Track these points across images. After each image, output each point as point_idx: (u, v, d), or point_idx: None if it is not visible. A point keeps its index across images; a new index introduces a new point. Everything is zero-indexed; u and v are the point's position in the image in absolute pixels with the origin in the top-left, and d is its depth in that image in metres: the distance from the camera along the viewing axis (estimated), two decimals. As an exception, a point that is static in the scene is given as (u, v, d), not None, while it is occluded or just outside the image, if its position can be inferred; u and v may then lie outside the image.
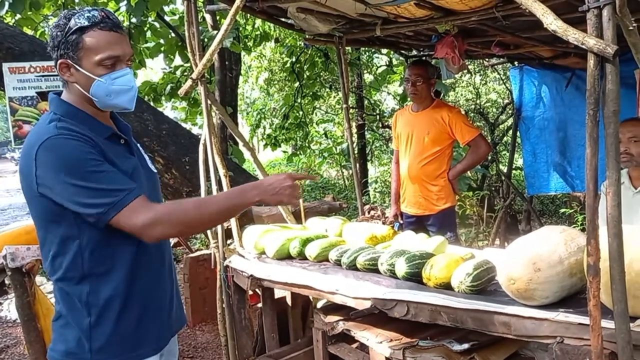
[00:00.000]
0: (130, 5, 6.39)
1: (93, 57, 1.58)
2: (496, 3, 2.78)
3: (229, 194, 1.65)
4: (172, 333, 1.85)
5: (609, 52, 1.51)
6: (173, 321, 1.84)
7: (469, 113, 10.25)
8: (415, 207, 3.81)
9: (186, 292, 4.86)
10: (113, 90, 1.62)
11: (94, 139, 1.57)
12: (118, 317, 1.63)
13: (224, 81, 8.77)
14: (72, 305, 1.63)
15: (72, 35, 1.57)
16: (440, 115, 3.66)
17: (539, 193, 5.48)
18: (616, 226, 1.56)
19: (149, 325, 1.70)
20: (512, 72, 5.33)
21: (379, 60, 11.51)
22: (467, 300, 2.06)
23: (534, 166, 5.15)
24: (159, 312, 1.76)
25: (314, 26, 3.46)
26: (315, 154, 13.15)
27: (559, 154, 4.92)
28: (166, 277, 1.80)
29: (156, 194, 1.82)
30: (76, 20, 1.57)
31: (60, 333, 1.66)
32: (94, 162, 1.52)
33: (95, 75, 1.60)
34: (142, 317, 1.68)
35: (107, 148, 1.60)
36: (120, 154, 1.66)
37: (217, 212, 1.63)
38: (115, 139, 1.69)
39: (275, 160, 16.29)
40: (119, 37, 1.62)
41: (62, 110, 1.62)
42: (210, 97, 3.09)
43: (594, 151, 1.58)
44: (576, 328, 1.74)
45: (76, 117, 1.61)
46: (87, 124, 1.62)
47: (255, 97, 14.95)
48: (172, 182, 6.60)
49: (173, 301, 1.84)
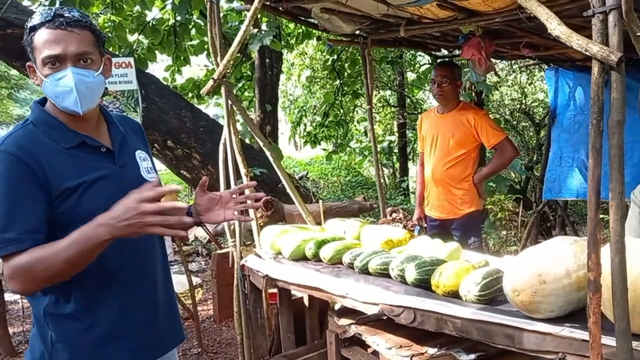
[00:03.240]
0: (175, 3, 6.53)
1: (39, 56, 1.51)
2: (519, 4, 2.69)
3: (75, 239, 1.37)
4: (156, 354, 1.70)
5: (613, 60, 1.44)
6: (160, 339, 1.71)
7: (514, 113, 10.00)
8: (439, 210, 3.75)
9: (213, 288, 4.95)
10: (58, 92, 1.52)
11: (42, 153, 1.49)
12: (80, 334, 1.54)
13: (264, 79, 8.87)
14: (37, 316, 1.57)
15: (28, 36, 1.52)
16: (466, 117, 3.58)
17: (557, 198, 5.24)
18: (618, 241, 1.49)
19: (118, 346, 1.58)
20: (547, 73, 5.14)
21: (422, 59, 11.37)
22: (471, 310, 2.01)
23: (557, 170, 4.95)
24: (137, 330, 1.62)
25: (338, 26, 3.44)
26: (355, 152, 13.11)
27: (587, 159, 4.69)
28: (149, 293, 1.67)
29: None
30: (31, 20, 1.52)
31: (31, 342, 1.61)
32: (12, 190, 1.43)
33: (42, 75, 1.52)
34: (109, 336, 1.56)
35: (64, 159, 1.52)
36: (84, 164, 1.55)
37: (66, 262, 1.40)
38: (87, 148, 1.58)
39: (316, 157, 16.32)
40: (66, 34, 1.49)
41: (33, 116, 1.58)
42: (231, 98, 3.12)
43: (596, 162, 1.52)
44: (579, 344, 1.67)
45: (44, 124, 1.56)
46: (54, 132, 1.55)
47: (298, 95, 15.02)
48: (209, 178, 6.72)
49: (158, 320, 1.69)
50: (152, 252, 1.72)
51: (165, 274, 1.76)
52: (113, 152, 1.64)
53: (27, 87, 15.15)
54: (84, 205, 1.50)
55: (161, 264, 1.74)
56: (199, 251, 7.46)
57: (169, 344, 1.76)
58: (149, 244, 1.69)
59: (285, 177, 3.42)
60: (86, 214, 1.44)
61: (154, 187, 1.36)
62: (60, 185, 1.48)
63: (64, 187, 1.49)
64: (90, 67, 1.55)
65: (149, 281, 1.67)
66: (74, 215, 1.48)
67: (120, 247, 1.49)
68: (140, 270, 1.65)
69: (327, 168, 14.16)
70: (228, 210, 1.83)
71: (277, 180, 5.95)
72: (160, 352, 1.71)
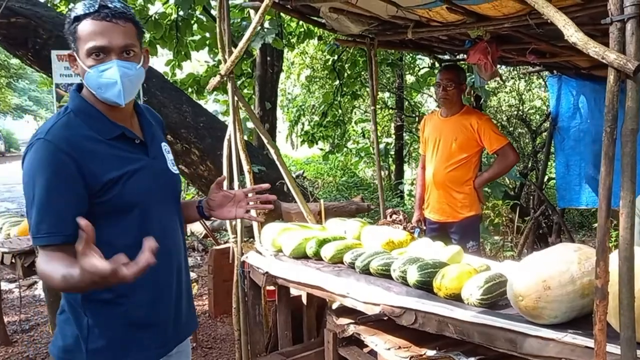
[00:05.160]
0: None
1: (83, 47, 1.52)
2: (529, 10, 2.70)
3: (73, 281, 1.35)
4: (179, 339, 1.77)
5: (630, 68, 1.45)
6: (181, 326, 1.76)
7: (511, 119, 10.03)
8: (438, 213, 3.75)
9: (210, 284, 4.94)
10: (102, 83, 1.53)
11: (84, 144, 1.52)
12: (116, 320, 1.58)
13: (264, 77, 8.86)
14: (71, 302, 1.60)
15: (72, 25, 1.53)
16: (470, 121, 3.59)
17: (570, 206, 5.29)
18: (627, 249, 1.50)
19: (149, 331, 1.64)
20: (549, 80, 5.17)
21: (422, 62, 11.39)
22: (474, 313, 2.02)
23: (566, 178, 4.98)
24: (163, 317, 1.68)
25: (346, 27, 3.44)
26: (351, 153, 13.12)
27: (593, 167, 4.73)
28: (173, 282, 1.71)
29: (169, 194, 1.75)
30: (75, 10, 1.52)
31: (61, 328, 1.63)
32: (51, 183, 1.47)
33: (86, 66, 1.53)
34: (142, 322, 1.62)
35: (105, 150, 1.55)
36: (123, 155, 1.59)
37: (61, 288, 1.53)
38: (124, 140, 1.62)
39: (312, 157, 16.31)
40: (112, 26, 1.51)
41: (74, 105, 1.59)
42: (237, 94, 3.11)
43: (608, 170, 1.52)
44: (582, 351, 1.68)
45: (85, 113, 1.58)
46: (94, 122, 1.58)
47: (297, 94, 15.01)
48: (207, 174, 6.70)
49: (181, 307, 1.75)
50: (178, 240, 1.77)
51: (186, 262, 1.81)
52: (146, 144, 1.68)
53: (26, 77, 15.09)
54: (125, 197, 1.55)
55: (183, 253, 1.80)
56: (195, 246, 7.45)
57: (189, 329, 1.83)
58: (176, 232, 1.75)
59: (288, 174, 3.42)
60: (126, 204, 1.55)
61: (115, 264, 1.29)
62: (103, 176, 1.52)
63: (107, 178, 1.53)
64: (132, 59, 1.58)
65: (176, 268, 1.72)
66: (115, 205, 1.54)
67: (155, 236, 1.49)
68: (170, 258, 1.69)
69: (324, 168, 14.16)
70: (240, 208, 1.90)
71: (275, 178, 5.94)
72: (182, 337, 1.79)
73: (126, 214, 1.56)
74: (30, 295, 5.59)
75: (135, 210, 1.58)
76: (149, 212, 1.61)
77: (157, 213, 1.65)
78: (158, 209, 1.65)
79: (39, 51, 5.71)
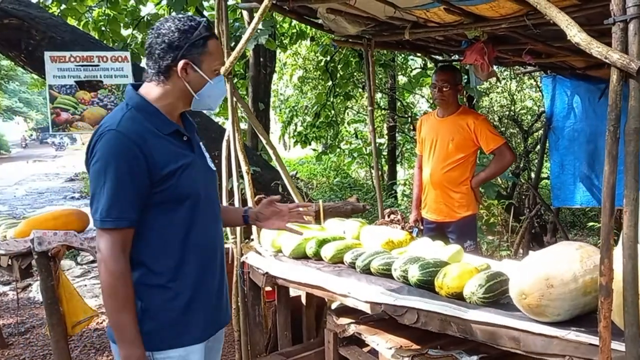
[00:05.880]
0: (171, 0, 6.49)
1: (213, 62, 1.76)
2: (527, 11, 2.73)
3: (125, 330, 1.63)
4: (219, 325, 1.91)
5: (633, 68, 1.47)
6: (222, 314, 1.91)
7: (503, 119, 10.09)
8: (435, 213, 3.77)
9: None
10: (214, 93, 1.80)
11: (148, 137, 1.66)
12: (166, 303, 1.71)
13: (258, 77, 8.85)
14: None
15: (200, 40, 1.71)
16: (466, 121, 3.61)
17: (564, 206, 5.34)
18: (631, 247, 1.52)
19: (195, 315, 1.76)
20: (544, 80, 5.21)
21: (414, 63, 11.42)
22: (477, 312, 2.03)
23: (560, 178, 5.04)
24: (206, 303, 1.81)
25: (343, 27, 3.45)
26: (344, 154, 13.13)
27: (588, 167, 4.79)
28: (216, 271, 1.86)
29: (212, 189, 1.90)
30: (200, 29, 1.72)
31: None
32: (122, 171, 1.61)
33: (209, 78, 1.76)
34: (189, 306, 1.74)
35: (164, 144, 1.70)
36: (178, 150, 1.74)
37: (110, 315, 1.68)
38: (177, 136, 1.77)
39: (305, 157, 16.32)
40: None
41: (134, 102, 1.73)
42: (236, 95, 3.11)
43: (612, 168, 1.54)
44: (585, 348, 1.70)
45: (146, 111, 1.72)
46: (154, 118, 1.72)
47: (289, 95, 15.00)
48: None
49: (222, 295, 1.90)
50: (220, 231, 1.94)
51: (223, 261, 1.93)
52: (191, 141, 1.83)
53: (16, 79, 14.98)
54: (179, 188, 1.70)
55: (221, 244, 1.93)
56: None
57: (225, 319, 1.95)
58: (219, 223, 1.93)
59: (286, 175, 3.42)
60: (180, 195, 1.70)
61: None
62: (164, 168, 1.67)
63: (167, 170, 1.67)
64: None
65: (217, 264, 1.87)
66: (170, 196, 1.69)
67: (202, 227, 1.76)
68: (215, 247, 1.86)
69: (317, 169, 14.16)
70: (282, 221, 2.15)
71: (270, 178, 5.94)
72: (219, 326, 1.92)
73: (178, 204, 1.71)
74: (25, 298, 5.56)
75: (186, 201, 1.73)
76: (198, 204, 1.76)
77: (204, 205, 1.79)
78: (205, 200, 1.80)
79: (32, 52, 5.68)
